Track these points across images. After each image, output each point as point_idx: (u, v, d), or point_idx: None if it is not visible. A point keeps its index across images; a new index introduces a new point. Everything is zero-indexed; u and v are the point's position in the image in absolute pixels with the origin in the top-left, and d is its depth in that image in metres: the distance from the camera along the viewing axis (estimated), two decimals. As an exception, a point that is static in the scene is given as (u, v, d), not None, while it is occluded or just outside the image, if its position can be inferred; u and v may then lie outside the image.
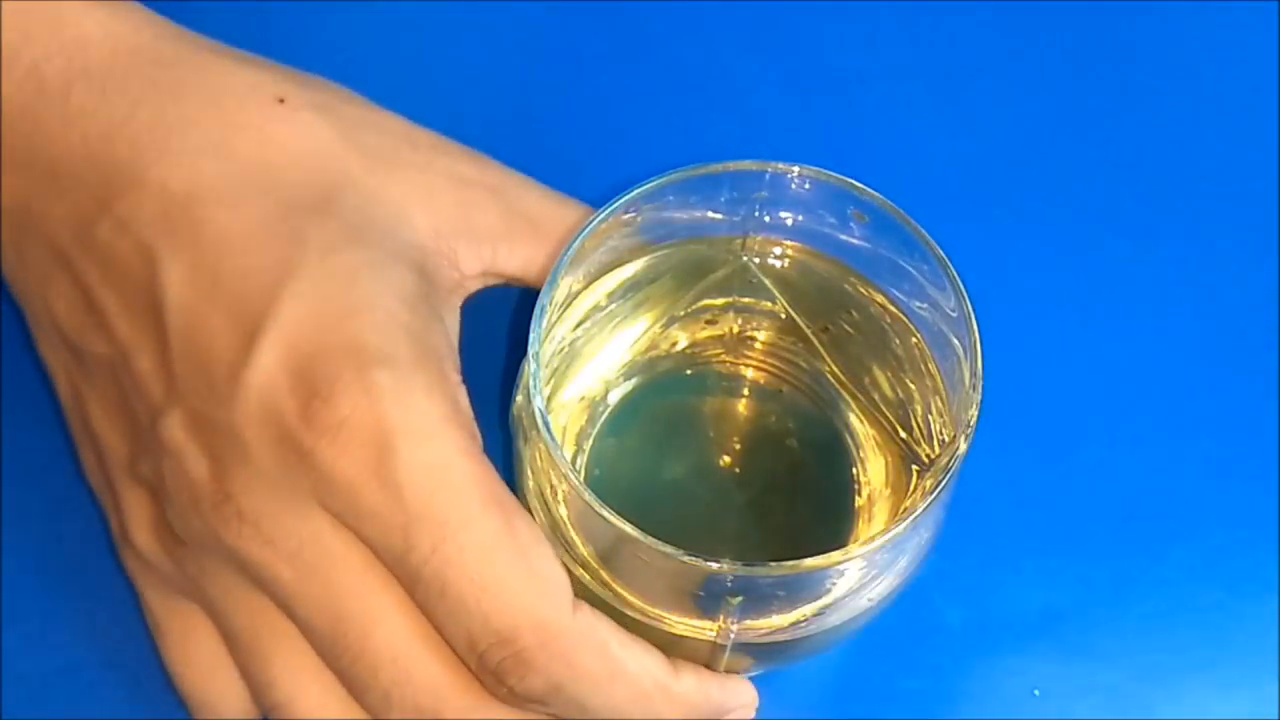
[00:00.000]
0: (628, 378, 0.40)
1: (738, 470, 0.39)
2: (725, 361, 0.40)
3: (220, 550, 0.35)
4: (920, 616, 0.42)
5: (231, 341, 0.34)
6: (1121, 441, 0.44)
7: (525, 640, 0.33)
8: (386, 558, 0.34)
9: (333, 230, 0.35)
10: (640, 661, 0.35)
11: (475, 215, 0.38)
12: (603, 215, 0.35)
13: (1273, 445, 0.44)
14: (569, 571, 0.35)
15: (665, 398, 0.40)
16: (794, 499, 0.39)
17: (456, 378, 0.36)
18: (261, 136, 0.36)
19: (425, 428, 0.33)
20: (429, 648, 0.34)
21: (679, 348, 0.40)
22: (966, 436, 0.34)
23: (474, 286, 0.39)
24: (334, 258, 0.35)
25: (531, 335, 0.34)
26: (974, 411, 0.34)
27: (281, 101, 0.37)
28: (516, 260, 0.39)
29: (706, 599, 0.34)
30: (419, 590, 0.33)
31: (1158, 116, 0.49)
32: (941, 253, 0.35)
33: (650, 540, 0.32)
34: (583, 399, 0.39)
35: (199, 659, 0.38)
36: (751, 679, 0.39)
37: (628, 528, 0.32)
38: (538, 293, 0.35)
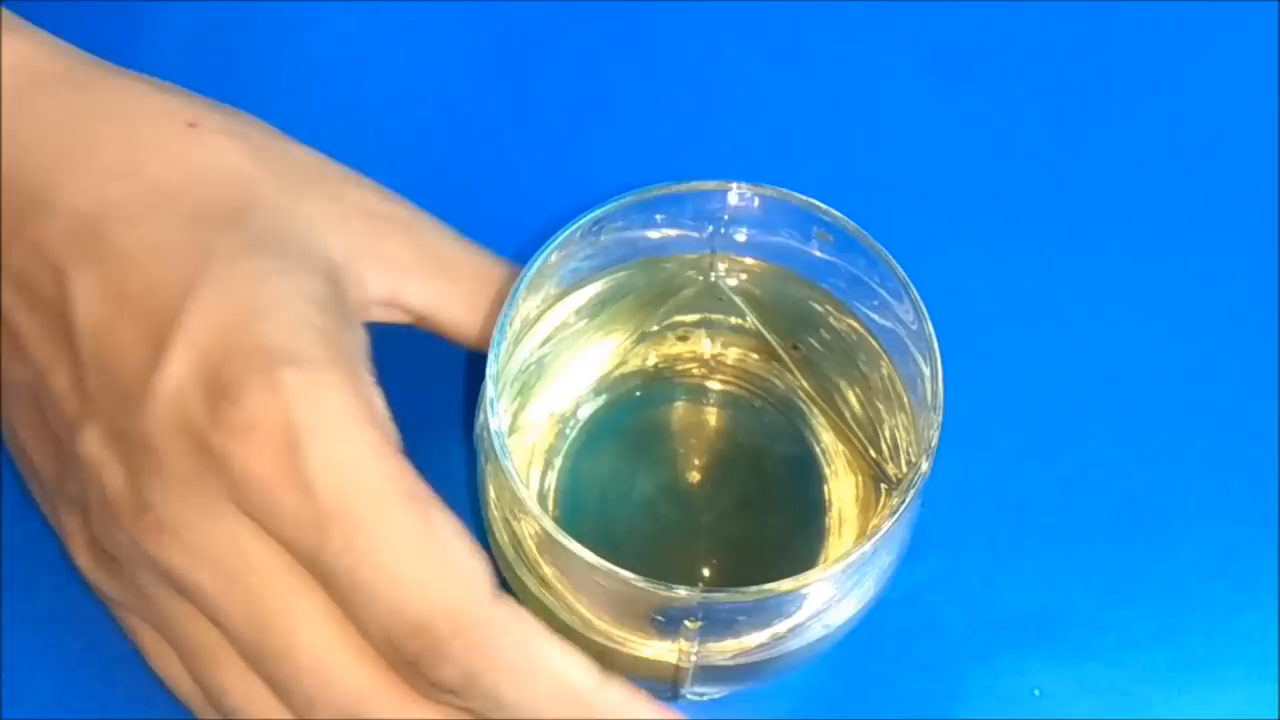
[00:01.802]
0: (598, 394, 0.39)
1: (708, 488, 0.39)
2: (696, 378, 0.40)
3: (146, 562, 0.35)
4: (920, 616, 0.41)
5: (141, 352, 0.34)
6: (1121, 441, 0.44)
7: (439, 629, 0.33)
8: (302, 557, 0.34)
9: (242, 240, 0.36)
10: (563, 661, 0.34)
11: (385, 244, 0.38)
12: (566, 233, 0.35)
13: (1273, 445, 0.44)
14: (533, 591, 0.35)
15: (636, 414, 0.40)
16: (766, 516, 0.39)
17: (370, 378, 0.35)
18: (171, 157, 0.37)
19: (335, 425, 0.33)
20: (350, 650, 0.34)
21: (650, 364, 0.40)
22: (928, 457, 0.33)
23: (378, 315, 0.38)
24: (242, 263, 0.35)
25: (490, 355, 0.34)
26: (934, 432, 0.33)
27: (193, 126, 0.37)
28: (424, 296, 0.38)
29: (666, 623, 0.33)
30: (334, 587, 0.33)
31: (1146, 118, 0.49)
32: (903, 273, 0.34)
33: (603, 563, 0.32)
34: (551, 415, 0.39)
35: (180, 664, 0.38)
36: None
37: (581, 551, 0.32)
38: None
